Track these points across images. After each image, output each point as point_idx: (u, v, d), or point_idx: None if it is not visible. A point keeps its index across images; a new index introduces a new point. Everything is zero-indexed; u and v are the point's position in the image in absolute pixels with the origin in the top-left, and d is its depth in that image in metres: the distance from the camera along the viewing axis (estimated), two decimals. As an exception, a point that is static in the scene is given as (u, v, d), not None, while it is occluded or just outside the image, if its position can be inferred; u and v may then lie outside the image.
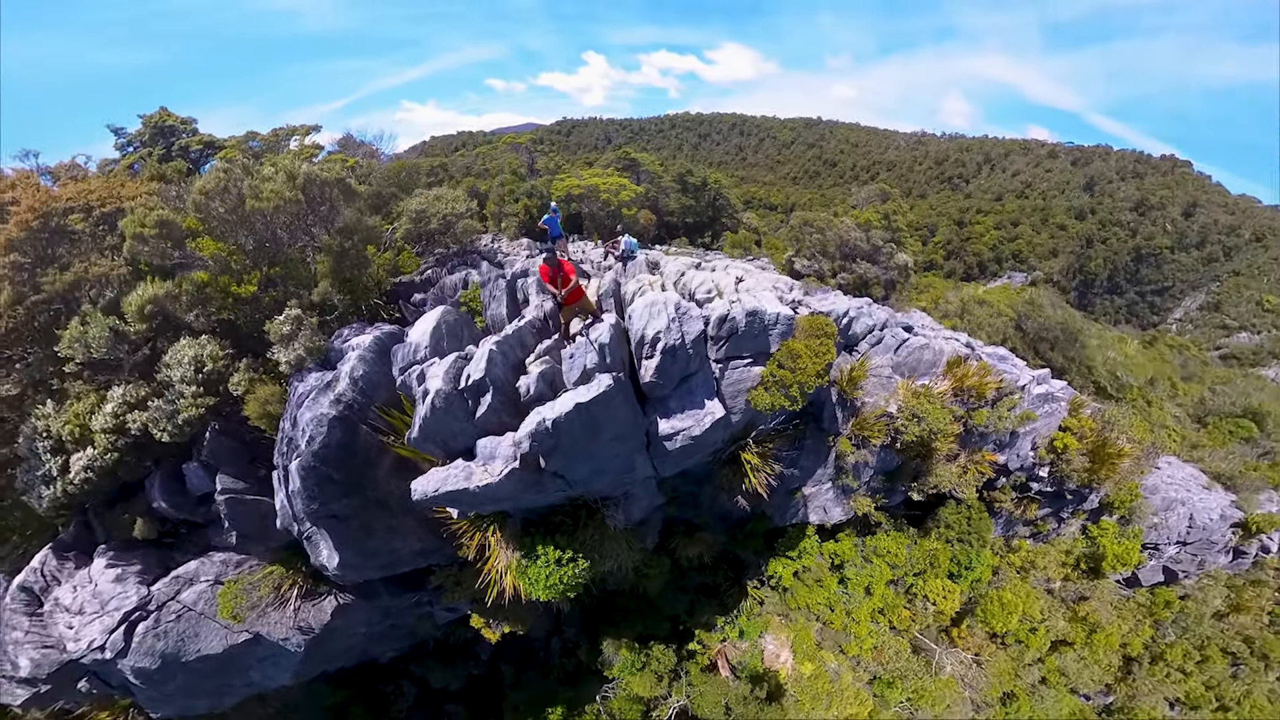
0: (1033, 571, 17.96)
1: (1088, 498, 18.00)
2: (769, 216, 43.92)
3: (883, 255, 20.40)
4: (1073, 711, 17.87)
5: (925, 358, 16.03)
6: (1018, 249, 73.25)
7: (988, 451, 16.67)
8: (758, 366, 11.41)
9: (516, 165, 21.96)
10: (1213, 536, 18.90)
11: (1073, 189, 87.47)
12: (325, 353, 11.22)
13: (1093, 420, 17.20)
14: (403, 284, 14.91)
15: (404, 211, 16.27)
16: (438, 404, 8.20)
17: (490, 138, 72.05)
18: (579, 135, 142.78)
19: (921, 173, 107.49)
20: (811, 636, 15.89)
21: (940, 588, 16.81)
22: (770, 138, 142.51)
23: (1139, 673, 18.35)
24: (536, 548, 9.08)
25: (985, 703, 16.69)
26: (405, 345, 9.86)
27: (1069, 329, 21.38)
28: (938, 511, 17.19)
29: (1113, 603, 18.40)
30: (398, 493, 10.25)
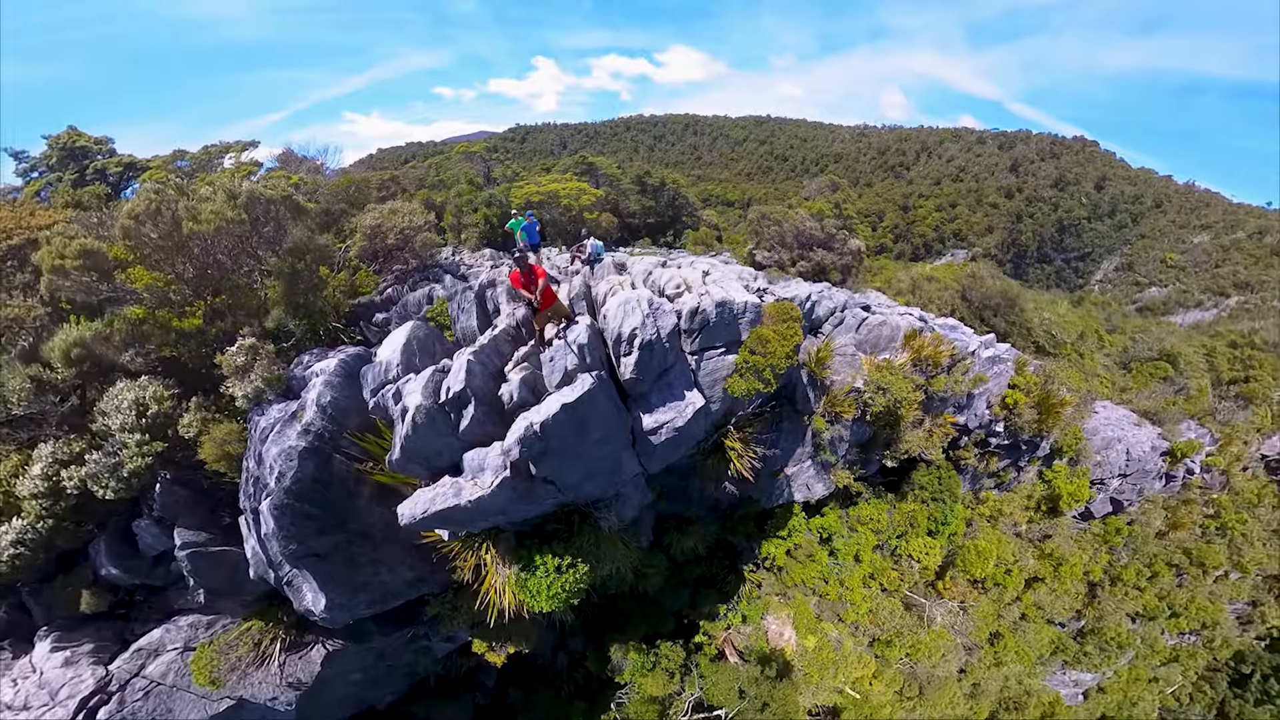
0: (1001, 519, 18.78)
1: (1040, 445, 19.02)
2: (727, 212, 44.77)
3: (837, 242, 21.09)
4: (1051, 640, 18.76)
5: (884, 333, 16.56)
6: (958, 228, 78.22)
7: (948, 414, 17.32)
8: (731, 355, 11.48)
9: (472, 175, 21.10)
10: (1147, 466, 20.37)
11: (1000, 171, 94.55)
12: (286, 382, 10.33)
13: (1036, 376, 18.24)
14: (362, 305, 13.97)
15: (357, 228, 15.23)
16: (419, 420, 7.66)
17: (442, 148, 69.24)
18: (534, 141, 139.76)
19: (866, 163, 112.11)
20: (810, 610, 15.99)
21: (922, 546, 17.28)
22: (723, 136, 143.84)
23: (1102, 595, 19.51)
24: (534, 558, 8.64)
25: (975, 645, 17.31)
26: (375, 365, 9.21)
27: (1008, 296, 22.85)
28: (911, 475, 17.72)
29: (1072, 536, 19.50)
30: (381, 522, 9.56)
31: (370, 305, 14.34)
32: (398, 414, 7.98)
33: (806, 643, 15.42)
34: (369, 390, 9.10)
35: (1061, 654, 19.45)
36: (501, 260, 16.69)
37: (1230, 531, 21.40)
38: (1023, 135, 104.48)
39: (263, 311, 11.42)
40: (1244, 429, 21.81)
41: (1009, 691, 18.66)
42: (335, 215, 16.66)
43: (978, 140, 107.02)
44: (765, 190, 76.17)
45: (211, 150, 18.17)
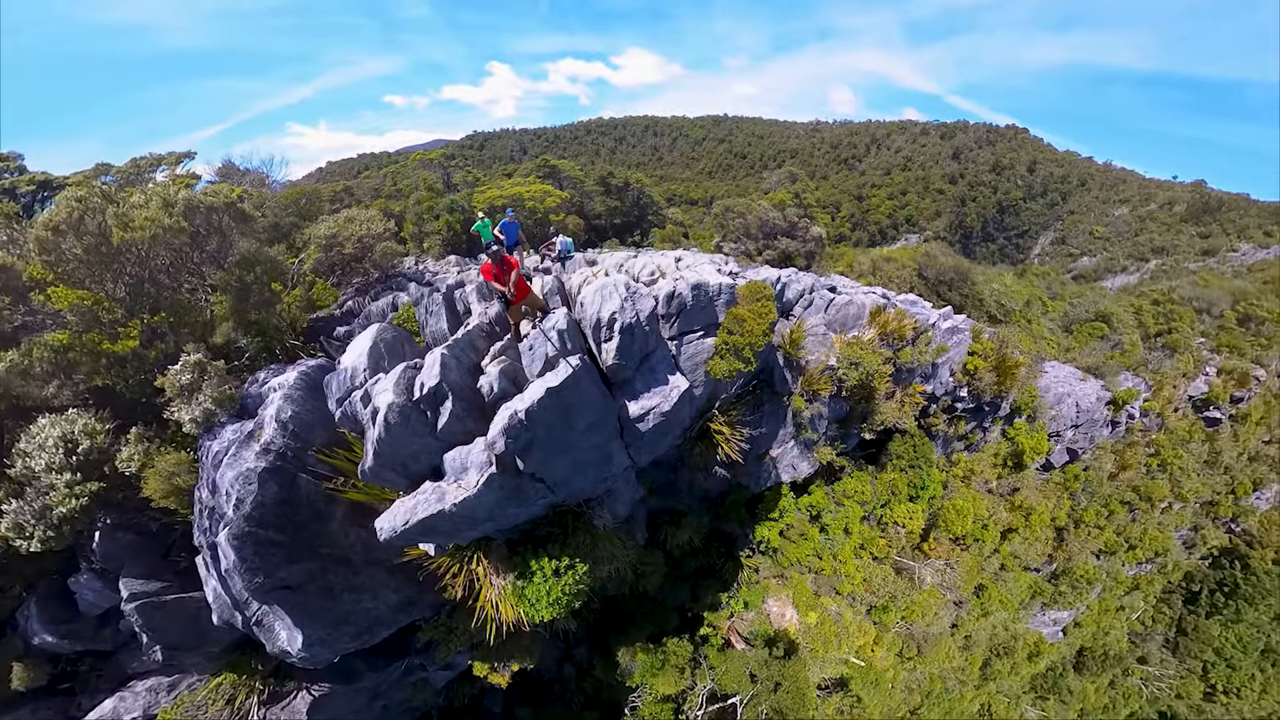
0: (973, 478, 19.29)
1: (1000, 406, 19.67)
2: (692, 210, 44.99)
3: (799, 230, 21.38)
4: (1029, 585, 19.35)
5: (851, 312, 16.74)
6: (909, 214, 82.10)
7: (917, 384, 17.64)
8: (709, 338, 11.23)
9: (432, 181, 19.87)
10: (1095, 416, 21.43)
11: (944, 159, 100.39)
12: (240, 401, 9.26)
13: (991, 342, 18.93)
14: (321, 320, 12.91)
15: (311, 239, 14.11)
16: (391, 420, 6.88)
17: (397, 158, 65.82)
18: (493, 148, 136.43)
19: (821, 156, 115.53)
20: (808, 588, 15.85)
21: (905, 512, 17.49)
22: (683, 136, 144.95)
23: (1069, 538, 20.31)
24: (530, 564, 7.96)
25: (963, 599, 17.62)
26: (339, 373, 8.33)
27: (960, 272, 23.88)
28: (888, 445, 17.93)
29: (1037, 487, 20.25)
30: (359, 543, 8.62)
31: (330, 320, 13.27)
32: (368, 417, 7.17)
33: (808, 620, 15.26)
34: (334, 400, 8.21)
35: (1040, 597, 20.10)
36: (468, 266, 15.88)
37: (1170, 466, 22.80)
38: (961, 125, 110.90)
39: (209, 329, 10.26)
40: (1172, 375, 23.37)
41: (998, 639, 19.09)
42: (285, 229, 15.37)
43: (922, 132, 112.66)
44: (727, 187, 77.43)
45: (141, 163, 16.01)
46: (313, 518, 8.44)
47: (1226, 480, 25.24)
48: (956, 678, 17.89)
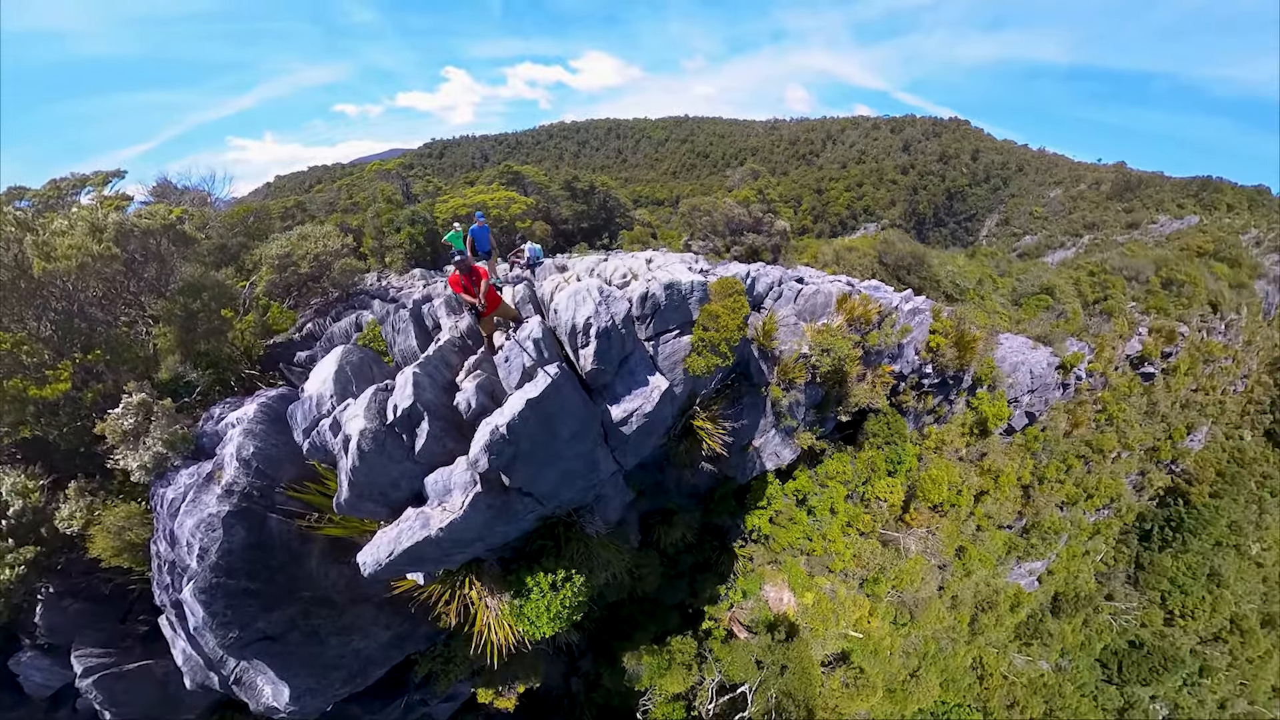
0: (944, 448, 19.86)
1: (963, 379, 20.35)
2: (658, 211, 44.94)
3: (764, 224, 21.59)
4: (1004, 541, 20.06)
5: (819, 301, 16.96)
6: (866, 205, 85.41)
7: (885, 365, 18.03)
8: (685, 335, 11.09)
9: (391, 192, 18.66)
10: (1047, 380, 22.48)
11: (895, 151, 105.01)
12: (195, 441, 8.47)
13: (950, 320, 19.57)
14: (279, 346, 12.05)
15: (263, 259, 13.15)
16: (365, 447, 6.38)
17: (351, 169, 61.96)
18: (452, 156, 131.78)
19: (780, 153, 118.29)
20: (802, 570, 15.90)
21: (885, 486, 17.81)
22: (645, 138, 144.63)
23: (1034, 494, 21.20)
24: (525, 581, 7.54)
25: (946, 562, 18.10)
26: (304, 401, 7.70)
27: (917, 256, 24.76)
28: (863, 425, 18.24)
29: (1003, 451, 21.04)
30: (341, 581, 7.99)
31: (289, 345, 12.39)
32: (339, 446, 6.61)
33: (805, 600, 15.31)
34: (300, 431, 7.58)
35: (1014, 551, 20.87)
36: (434, 279, 15.15)
37: (1115, 420, 24.16)
38: (909, 119, 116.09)
39: (152, 365, 9.33)
40: (1110, 337, 24.84)
41: (981, 595, 19.70)
42: (232, 250, 14.20)
43: (873, 126, 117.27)
44: (691, 186, 78.00)
45: (62, 185, 14.08)
46: (288, 560, 7.75)
47: (1164, 427, 26.99)
48: (948, 636, 18.35)
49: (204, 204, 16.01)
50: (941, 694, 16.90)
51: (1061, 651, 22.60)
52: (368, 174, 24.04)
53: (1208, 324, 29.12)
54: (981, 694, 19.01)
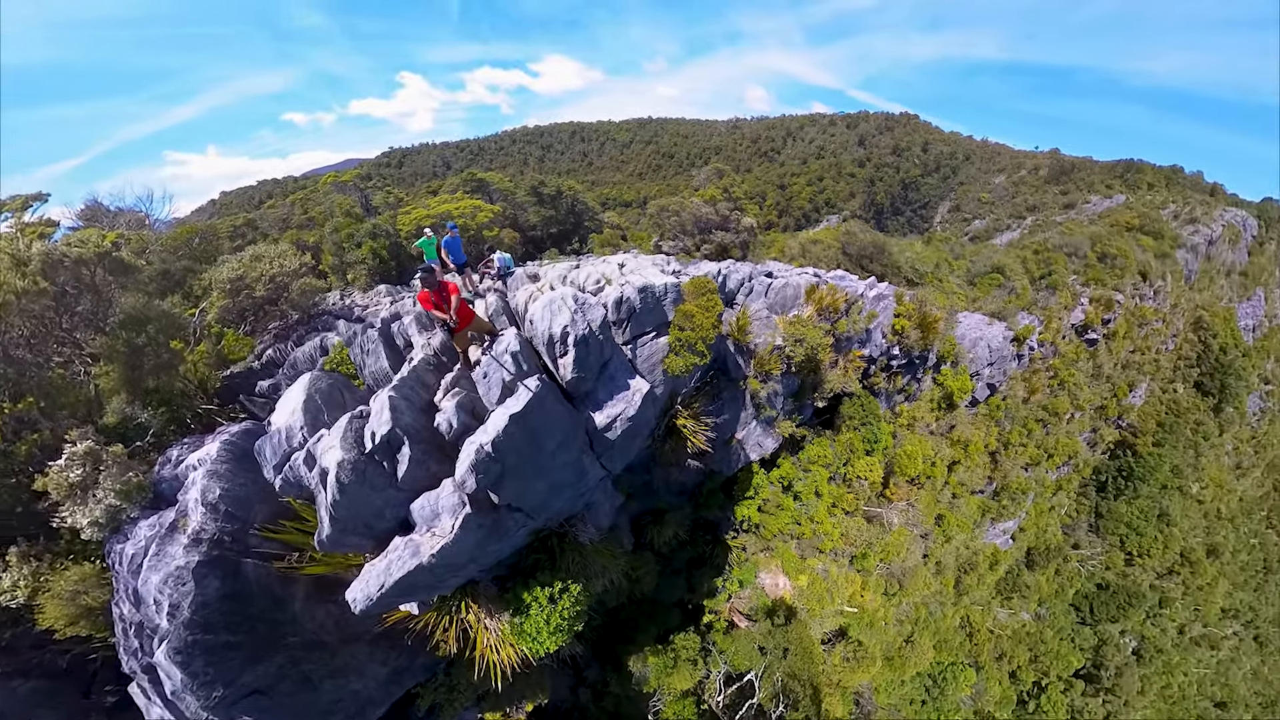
0: (916, 424, 20.50)
1: (928, 358, 21.07)
2: (626, 212, 44.86)
3: (731, 222, 21.81)
4: (978, 506, 20.88)
5: (789, 293, 17.23)
6: (828, 198, 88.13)
7: (855, 350, 18.49)
8: (662, 337, 11.09)
9: (350, 205, 17.80)
10: (1004, 353, 23.50)
11: (851, 146, 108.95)
12: (153, 488, 7.83)
13: (912, 303, 20.24)
14: (237, 376, 11.29)
15: (211, 284, 12.28)
16: (344, 479, 6.03)
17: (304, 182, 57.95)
18: (412, 165, 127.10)
19: (743, 151, 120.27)
20: (793, 554, 16.09)
21: (864, 465, 18.23)
22: (610, 140, 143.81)
23: (1001, 459, 22.16)
24: (523, 597, 7.30)
25: (927, 531, 18.67)
26: (272, 435, 7.25)
27: (878, 245, 25.63)
28: (839, 409, 18.64)
29: (969, 421, 21.88)
30: (330, 622, 7.54)
31: (248, 374, 11.61)
32: (316, 481, 6.23)
33: (799, 583, 15.49)
34: (271, 468, 7.13)
35: (988, 514, 21.71)
36: (402, 295, 14.54)
37: (1066, 384, 25.50)
38: (863, 115, 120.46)
39: (95, 408, 8.59)
40: (1056, 309, 26.25)
41: (962, 558, 20.40)
42: (177, 276, 13.10)
43: (830, 123, 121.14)
44: (658, 187, 78.40)
45: None
46: (270, 606, 7.24)
47: (1109, 387, 28.69)
48: (936, 600, 18.90)
49: (142, 226, 14.47)
50: (936, 655, 17.41)
51: (1039, 601, 23.77)
52: (323, 187, 22.48)
53: (1139, 291, 31.22)
54: (972, 650, 19.70)
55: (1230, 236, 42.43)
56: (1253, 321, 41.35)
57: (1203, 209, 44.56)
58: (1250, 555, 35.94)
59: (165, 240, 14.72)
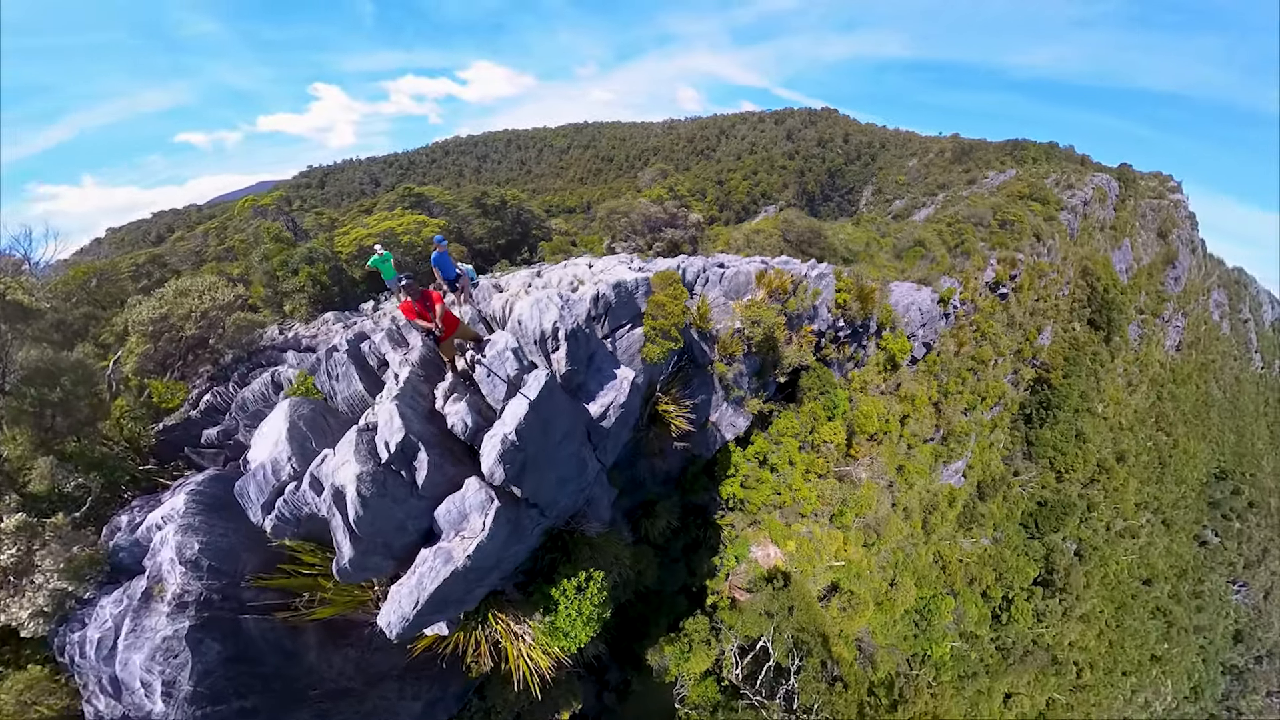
0: (867, 386, 22.51)
1: (869, 326, 23.24)
2: (572, 218, 44.96)
3: (680, 219, 22.79)
4: (931, 452, 23.27)
5: (741, 280, 18.44)
6: (764, 190, 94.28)
7: (806, 326, 20.04)
8: (638, 328, 11.71)
9: (278, 230, 16.53)
10: (933, 314, 26.33)
11: (780, 140, 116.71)
12: (108, 560, 7.16)
13: (850, 279, 22.26)
14: (174, 429, 10.41)
15: (131, 327, 11.20)
16: (365, 492, 5.96)
17: (212, 210, 51.18)
18: (336, 184, 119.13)
19: (680, 151, 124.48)
20: (778, 523, 17.20)
21: (829, 430, 19.78)
22: (548, 147, 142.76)
23: (944, 408, 24.84)
24: (550, 594, 7.45)
25: (891, 482, 20.60)
26: (255, 473, 6.93)
27: (814, 230, 27.90)
28: (799, 383, 20.10)
29: (912, 378, 24.32)
30: (351, 666, 7.28)
31: (187, 425, 10.75)
32: (327, 504, 6.10)
33: (788, 549, 16.59)
34: (259, 509, 6.83)
35: (940, 458, 24.23)
36: (352, 321, 13.94)
37: (987, 334, 29.03)
38: (789, 112, 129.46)
39: (15, 478, 7.72)
40: (971, 271, 29.85)
41: (925, 500, 22.65)
42: (76, 325, 11.85)
43: (759, 120, 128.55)
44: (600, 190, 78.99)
45: None
46: (282, 661, 6.85)
47: (1022, 333, 33.01)
48: (910, 543, 20.84)
49: (18, 271, 12.61)
50: (918, 591, 19.23)
51: (994, 526, 26.93)
52: (240, 213, 20.21)
53: (1035, 249, 36.34)
54: (947, 580, 21.93)
55: (1099, 197, 50.44)
56: (1124, 265, 49.34)
57: (1076, 176, 52.71)
58: (1149, 455, 42.91)
59: (55, 286, 13.16)
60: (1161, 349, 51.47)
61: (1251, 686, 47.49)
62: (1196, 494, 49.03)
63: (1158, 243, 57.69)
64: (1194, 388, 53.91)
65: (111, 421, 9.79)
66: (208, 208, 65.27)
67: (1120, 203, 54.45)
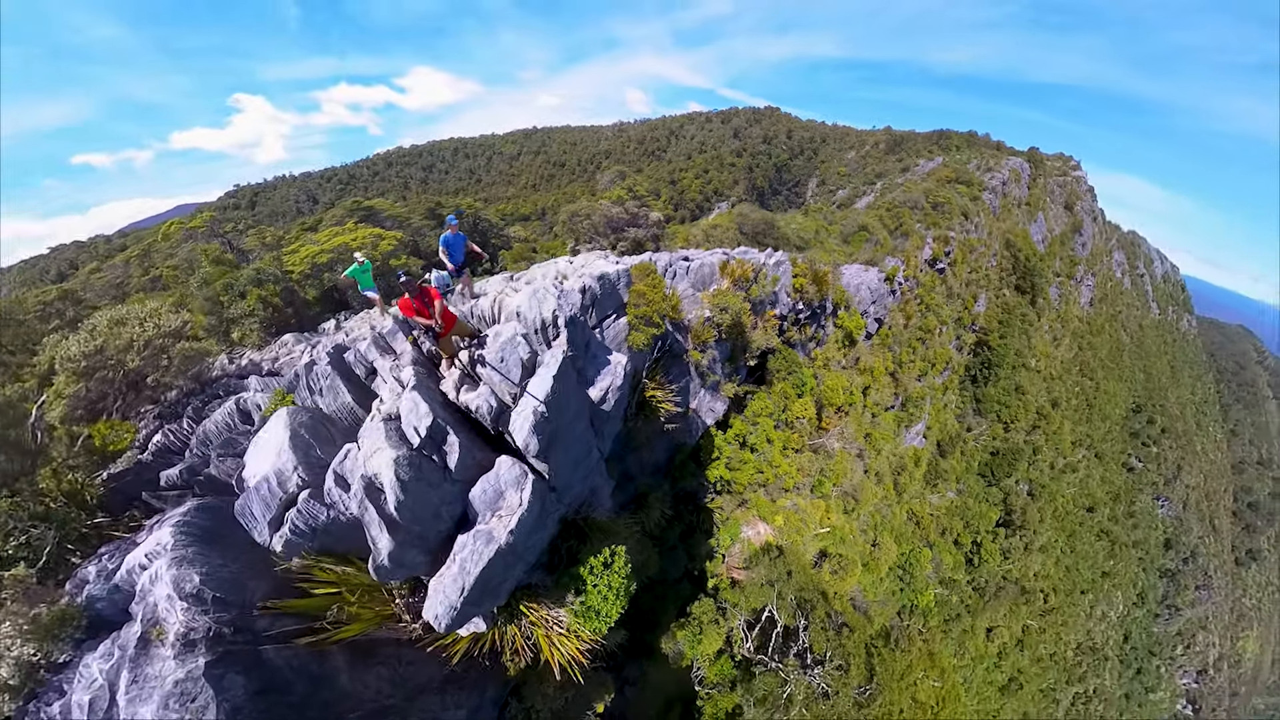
0: (830, 363, 24.41)
1: (826, 307, 25.23)
2: (528, 225, 44.86)
3: (641, 218, 23.64)
4: (894, 418, 25.55)
5: (706, 272, 19.68)
6: (715, 187, 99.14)
7: (769, 311, 21.54)
8: (622, 317, 12.46)
9: (218, 253, 15.78)
10: (881, 292, 28.86)
11: (727, 139, 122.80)
12: (83, 615, 6.79)
13: (804, 264, 24.08)
14: (123, 475, 9.78)
15: (58, 366, 10.41)
16: (404, 476, 6.12)
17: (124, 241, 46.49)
18: (269, 203, 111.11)
19: (631, 153, 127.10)
20: (764, 500, 18.41)
21: (799, 407, 21.34)
22: (497, 154, 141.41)
23: (900, 376, 27.37)
24: (579, 573, 7.81)
25: (861, 449, 22.51)
26: (259, 488, 6.82)
27: (767, 222, 29.88)
28: (767, 365, 21.56)
29: (869, 352, 26.59)
30: (386, 684, 7.24)
31: (139, 469, 10.08)
32: (359, 498, 6.21)
33: (776, 523, 17.81)
34: (265, 527, 6.75)
35: (902, 423, 26.66)
36: (315, 341, 13.61)
37: (930, 306, 32.23)
38: (735, 111, 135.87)
39: None
40: (911, 250, 33.07)
41: (893, 463, 24.83)
42: None
43: (706, 120, 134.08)
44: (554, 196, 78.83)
45: None
46: (312, 688, 6.70)
47: (960, 302, 36.87)
48: (885, 504, 22.80)
49: None
50: (898, 548, 21.07)
51: (956, 479, 29.97)
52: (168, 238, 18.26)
53: (964, 227, 40.77)
54: (922, 534, 24.19)
55: (1015, 178, 57.50)
56: (1040, 236, 56.47)
57: (994, 160, 59.92)
58: (1077, 399, 49.44)
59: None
60: (1078, 306, 59.38)
61: (1183, 585, 56.60)
62: (1119, 427, 57.36)
63: (1065, 215, 66.37)
64: (1107, 337, 62.60)
65: (46, 473, 9.13)
66: (118, 237, 57.46)
67: (1032, 181, 62.21)
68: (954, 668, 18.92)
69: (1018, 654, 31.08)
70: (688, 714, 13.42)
